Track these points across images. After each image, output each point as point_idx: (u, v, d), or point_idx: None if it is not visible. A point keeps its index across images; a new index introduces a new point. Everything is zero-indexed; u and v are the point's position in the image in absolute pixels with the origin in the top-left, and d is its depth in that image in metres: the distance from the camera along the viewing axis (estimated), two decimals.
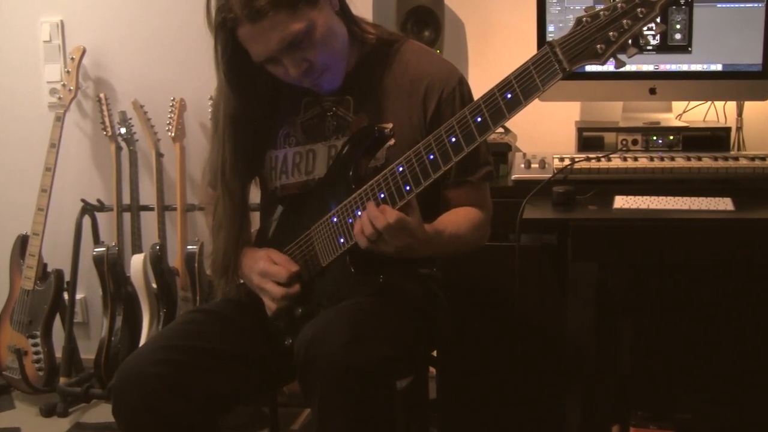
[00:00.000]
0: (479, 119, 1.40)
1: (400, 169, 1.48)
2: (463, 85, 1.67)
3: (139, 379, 1.53)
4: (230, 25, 1.51)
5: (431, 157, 1.45)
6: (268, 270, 1.65)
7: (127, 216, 2.89)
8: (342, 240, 1.57)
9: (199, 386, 1.57)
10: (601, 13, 1.30)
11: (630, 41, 1.30)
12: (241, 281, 1.74)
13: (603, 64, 1.32)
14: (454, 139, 1.43)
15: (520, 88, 1.36)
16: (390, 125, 1.63)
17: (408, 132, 1.64)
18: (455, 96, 1.65)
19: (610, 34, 1.29)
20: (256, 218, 1.84)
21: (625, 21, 1.28)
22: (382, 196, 1.50)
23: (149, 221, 2.87)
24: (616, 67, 1.34)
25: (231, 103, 1.62)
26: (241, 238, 1.70)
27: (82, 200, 2.90)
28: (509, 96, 1.37)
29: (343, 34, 1.62)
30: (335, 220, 1.58)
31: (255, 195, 1.84)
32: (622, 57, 1.32)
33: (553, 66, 1.33)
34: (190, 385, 1.56)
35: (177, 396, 1.54)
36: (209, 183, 1.79)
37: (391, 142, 1.62)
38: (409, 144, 1.59)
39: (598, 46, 1.30)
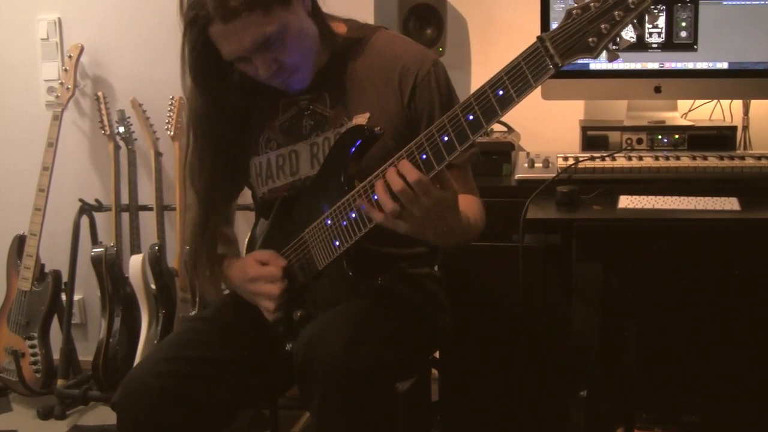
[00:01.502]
0: (471, 117, 1.37)
1: None
2: (437, 67, 1.66)
3: (143, 393, 1.53)
4: (202, 23, 1.51)
5: (423, 157, 1.42)
6: (259, 273, 1.64)
7: (125, 216, 2.88)
8: (337, 243, 1.56)
9: (204, 397, 1.57)
10: (592, 4, 1.26)
11: (623, 33, 1.27)
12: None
13: (596, 57, 1.28)
14: (446, 138, 1.39)
15: (512, 84, 1.32)
16: (366, 117, 1.62)
17: (387, 120, 1.63)
18: (430, 78, 1.64)
19: (602, 26, 1.25)
20: (252, 218, 1.83)
21: (616, 12, 1.24)
22: (376, 198, 1.47)
23: (148, 221, 2.86)
24: (608, 60, 1.31)
25: (198, 101, 1.61)
26: (207, 233, 1.68)
27: (80, 200, 2.89)
28: (501, 93, 1.34)
29: (314, 34, 1.62)
30: (329, 222, 1.57)
31: (248, 197, 1.83)
32: (615, 50, 1.29)
33: (545, 61, 1.29)
34: (194, 396, 1.55)
35: (182, 408, 1.54)
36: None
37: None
38: (389, 132, 1.59)
39: (590, 39, 1.26)
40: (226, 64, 1.57)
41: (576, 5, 1.28)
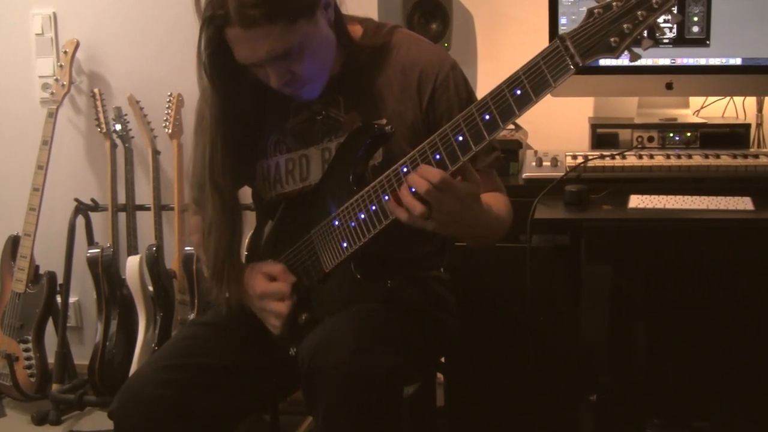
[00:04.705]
0: (487, 117, 1.35)
1: (405, 169, 1.43)
2: (455, 70, 1.64)
3: (142, 402, 1.51)
4: (219, 23, 1.46)
5: (437, 157, 1.40)
6: (267, 290, 1.61)
7: (122, 216, 2.86)
8: (345, 244, 1.54)
9: (205, 406, 1.55)
10: (614, 3, 1.26)
11: (645, 33, 1.26)
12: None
13: (617, 57, 1.28)
14: (461, 138, 1.38)
15: (530, 84, 1.31)
16: (384, 121, 1.59)
17: (404, 126, 1.60)
18: (449, 82, 1.62)
19: (624, 26, 1.25)
20: (251, 217, 1.80)
21: (639, 12, 1.24)
22: (387, 198, 1.45)
23: (145, 221, 2.84)
24: (630, 61, 1.30)
25: (214, 100, 1.56)
26: (234, 240, 1.65)
27: (76, 199, 2.87)
28: (518, 92, 1.32)
29: (332, 45, 1.58)
30: (337, 223, 1.54)
31: (247, 195, 1.80)
32: (637, 50, 1.28)
33: (565, 61, 1.28)
34: (194, 406, 1.54)
35: (181, 417, 1.52)
36: (192, 186, 1.72)
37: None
38: (404, 137, 1.57)
39: (612, 39, 1.26)
40: (240, 64, 1.53)
41: (597, 4, 1.27)
